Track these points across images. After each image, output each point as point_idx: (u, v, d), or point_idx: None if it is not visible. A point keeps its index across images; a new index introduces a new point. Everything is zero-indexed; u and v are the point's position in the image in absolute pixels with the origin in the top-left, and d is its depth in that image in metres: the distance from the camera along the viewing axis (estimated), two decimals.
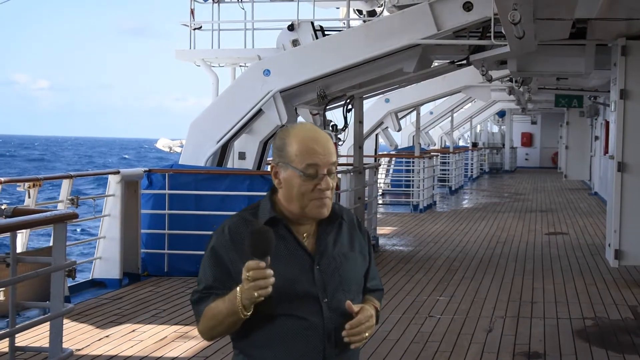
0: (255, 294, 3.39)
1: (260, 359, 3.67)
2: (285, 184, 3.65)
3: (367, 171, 17.54)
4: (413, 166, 27.12)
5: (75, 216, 6.63)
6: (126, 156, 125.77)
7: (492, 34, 13.82)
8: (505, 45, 13.89)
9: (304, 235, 3.70)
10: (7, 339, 6.09)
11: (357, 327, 3.57)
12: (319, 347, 3.63)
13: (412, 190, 26.81)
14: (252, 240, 3.40)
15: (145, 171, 14.13)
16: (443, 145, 44.22)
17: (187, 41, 17.26)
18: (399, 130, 30.92)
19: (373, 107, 27.00)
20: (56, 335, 6.33)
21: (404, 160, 30.41)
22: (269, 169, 3.54)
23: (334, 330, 3.62)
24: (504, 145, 54.96)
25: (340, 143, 16.59)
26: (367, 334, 3.61)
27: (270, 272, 3.38)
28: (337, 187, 3.83)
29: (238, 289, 3.46)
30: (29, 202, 10.99)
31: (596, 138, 32.96)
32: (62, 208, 11.77)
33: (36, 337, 9.16)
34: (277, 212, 3.68)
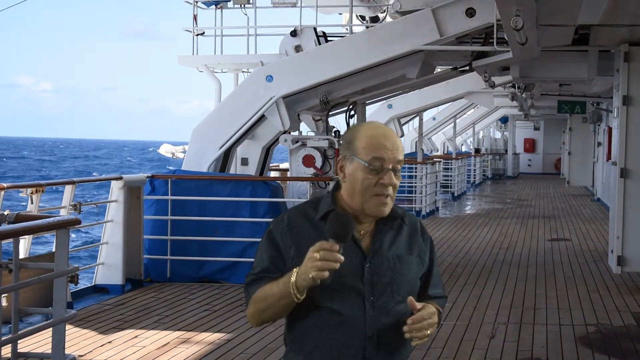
0: (313, 274, 3.39)
1: (302, 352, 3.71)
2: (349, 177, 3.67)
3: None
4: (416, 172, 27.10)
5: (77, 222, 6.62)
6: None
7: (494, 40, 13.82)
8: (508, 51, 13.90)
9: (361, 232, 3.71)
10: (10, 345, 6.08)
11: (419, 323, 3.56)
12: (360, 346, 3.64)
13: (415, 196, 26.79)
14: (333, 222, 3.45)
15: (147, 177, 14.13)
16: (446, 151, 44.20)
17: (191, 44, 17.27)
18: (401, 136, 30.92)
19: (376, 112, 27.04)
20: (59, 341, 6.33)
21: (406, 166, 30.37)
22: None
23: (377, 331, 3.63)
24: (506, 151, 54.96)
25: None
26: (429, 332, 3.60)
27: (340, 257, 3.41)
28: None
29: (294, 270, 3.49)
30: (31, 208, 11.00)
31: (599, 144, 32.94)
32: (64, 214, 11.77)
33: (39, 343, 9.15)
34: (338, 207, 3.69)
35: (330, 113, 16.47)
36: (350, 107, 16.51)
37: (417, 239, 3.83)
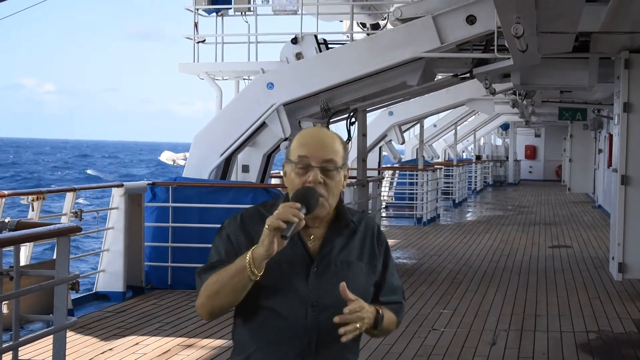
0: (269, 222, 3.39)
1: (246, 350, 3.70)
2: (287, 180, 3.72)
3: (370, 184, 17.55)
4: (417, 179, 27.12)
5: (78, 230, 6.62)
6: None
7: (495, 47, 13.82)
8: (509, 58, 13.91)
9: (311, 237, 3.69)
10: (11, 352, 6.09)
11: (350, 315, 3.51)
12: (298, 350, 3.63)
13: (416, 203, 26.80)
14: (300, 191, 3.55)
15: (148, 184, 14.15)
16: (447, 158, 44.21)
17: (192, 48, 17.27)
18: (402, 143, 30.98)
19: (376, 120, 27.04)
20: (59, 348, 6.33)
21: (407, 173, 30.40)
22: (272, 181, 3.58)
23: (317, 336, 3.62)
24: (507, 158, 54.95)
25: None
26: (358, 325, 3.54)
27: (301, 214, 3.43)
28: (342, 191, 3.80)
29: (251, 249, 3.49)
30: (32, 215, 11.01)
31: (600, 151, 32.95)
32: (65, 221, 11.78)
33: (40, 350, 9.15)
34: None
35: (331, 120, 16.46)
36: (351, 114, 16.51)
37: (370, 245, 3.80)
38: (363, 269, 3.74)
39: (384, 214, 27.01)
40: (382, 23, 19.04)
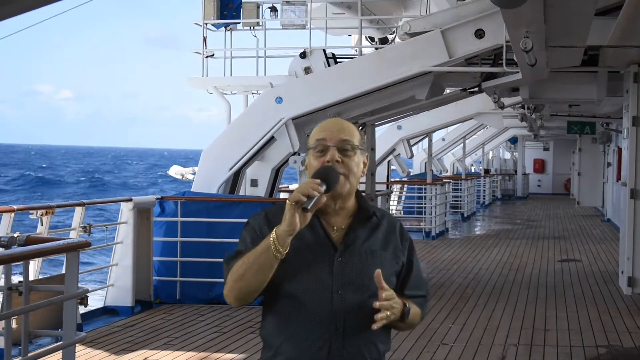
0: (291, 197, 3.50)
1: (274, 343, 3.75)
2: (308, 169, 3.80)
3: (379, 198, 17.55)
4: (425, 193, 27.11)
5: (87, 245, 6.62)
6: None
7: (504, 61, 13.83)
8: (517, 72, 13.91)
9: (334, 227, 3.78)
10: None
11: (385, 302, 3.60)
12: (326, 339, 3.67)
13: (425, 217, 26.78)
14: (320, 169, 3.66)
15: (157, 198, 14.15)
16: (455, 172, 44.18)
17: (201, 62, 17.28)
18: (411, 157, 30.94)
19: (385, 134, 27.05)
20: None
21: (416, 186, 30.41)
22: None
23: (343, 324, 3.67)
24: (516, 171, 54.86)
25: None
26: (388, 313, 3.61)
27: (321, 189, 3.54)
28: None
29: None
30: (41, 230, 11.02)
31: (609, 164, 32.91)
32: (74, 236, 11.79)
33: None
34: None
35: None
36: (360, 128, 16.51)
37: (394, 239, 3.88)
38: (387, 259, 3.81)
39: None
40: (390, 37, 19.07)
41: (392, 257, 3.83)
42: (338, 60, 16.60)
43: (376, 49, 18.54)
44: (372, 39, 19.99)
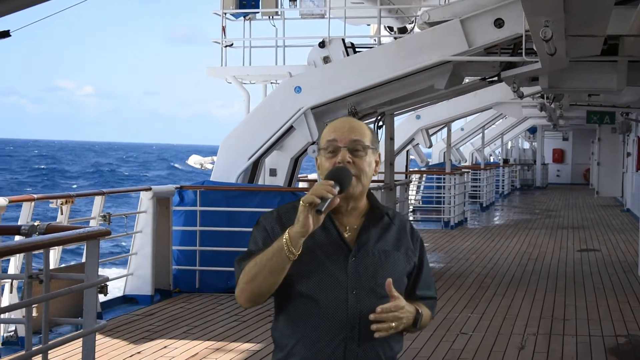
0: (304, 199, 3.51)
1: (287, 344, 3.74)
2: (320, 169, 3.81)
3: (398, 188, 17.51)
4: (444, 183, 27.08)
5: (107, 233, 6.64)
6: None
7: (523, 51, 13.79)
8: (537, 62, 13.86)
9: (347, 227, 3.78)
10: (40, 355, 6.11)
11: (385, 314, 3.61)
12: (341, 339, 3.67)
13: (443, 207, 26.75)
14: (332, 170, 3.66)
15: (176, 188, 14.17)
16: (474, 162, 44.12)
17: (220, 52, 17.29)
18: (430, 147, 30.92)
19: (404, 123, 27.05)
20: (89, 351, 6.34)
21: (434, 176, 30.37)
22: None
23: (359, 325, 3.66)
24: (535, 161, 54.75)
25: None
26: (393, 324, 3.62)
27: (334, 190, 3.55)
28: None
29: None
30: (61, 219, 11.05)
31: (628, 154, 32.79)
32: (94, 224, 11.83)
33: (69, 353, 9.20)
34: None
35: None
36: (379, 117, 16.49)
37: (405, 238, 3.88)
38: (400, 259, 3.82)
39: (411, 218, 26.99)
40: (409, 27, 19.03)
41: (405, 257, 3.84)
42: (357, 49, 16.58)
43: (395, 38, 18.52)
44: (391, 28, 19.94)
